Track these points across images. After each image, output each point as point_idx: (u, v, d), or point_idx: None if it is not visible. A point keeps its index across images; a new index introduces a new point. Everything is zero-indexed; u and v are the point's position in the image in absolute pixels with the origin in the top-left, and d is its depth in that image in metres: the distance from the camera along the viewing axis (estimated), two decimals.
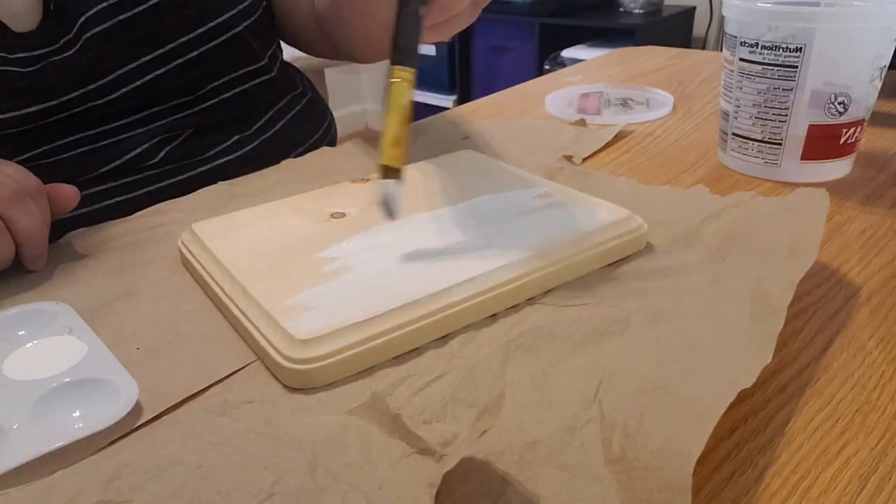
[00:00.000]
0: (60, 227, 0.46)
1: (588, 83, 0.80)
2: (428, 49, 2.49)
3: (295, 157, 0.63)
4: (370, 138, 0.63)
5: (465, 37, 2.38)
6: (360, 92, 3.04)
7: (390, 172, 0.36)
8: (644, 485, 0.24)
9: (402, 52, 0.39)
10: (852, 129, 0.50)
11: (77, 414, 0.30)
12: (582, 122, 0.65)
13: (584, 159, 0.57)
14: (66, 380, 0.31)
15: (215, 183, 0.54)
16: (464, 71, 2.46)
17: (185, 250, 0.41)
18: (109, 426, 0.29)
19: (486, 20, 2.29)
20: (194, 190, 0.53)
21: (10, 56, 0.49)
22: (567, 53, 2.06)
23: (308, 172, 0.56)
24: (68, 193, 0.44)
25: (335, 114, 0.76)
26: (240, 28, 0.58)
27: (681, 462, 0.25)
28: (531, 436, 0.27)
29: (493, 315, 0.36)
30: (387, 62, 0.40)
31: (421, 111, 2.57)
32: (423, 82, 2.82)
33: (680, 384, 0.29)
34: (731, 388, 0.28)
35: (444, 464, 0.25)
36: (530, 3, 2.09)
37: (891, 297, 0.37)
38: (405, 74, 0.38)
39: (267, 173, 0.56)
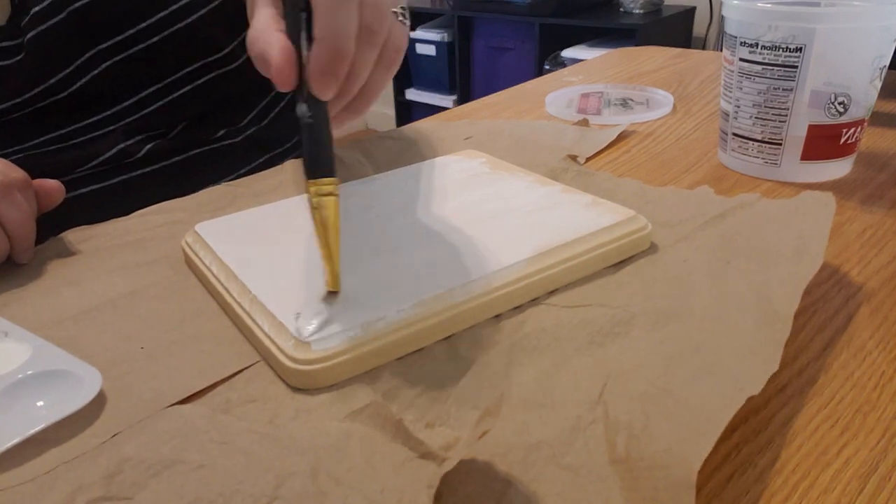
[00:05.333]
0: (53, 217, 0.46)
1: (588, 83, 0.80)
2: (428, 49, 2.48)
3: (282, 152, 0.65)
4: (371, 139, 0.63)
5: (465, 37, 2.38)
6: None
7: (334, 295, 0.34)
8: (649, 483, 0.24)
9: (317, 164, 0.34)
10: (852, 130, 0.50)
11: (41, 403, 0.30)
12: (585, 122, 0.65)
13: (586, 160, 0.57)
14: (29, 372, 0.32)
15: (203, 167, 0.56)
16: (464, 71, 2.46)
17: (188, 250, 0.42)
18: (77, 410, 0.29)
19: (486, 20, 2.29)
20: (178, 177, 0.54)
21: None
22: (567, 53, 2.06)
23: None
24: (53, 188, 0.45)
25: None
26: (199, 14, 0.57)
27: (687, 461, 0.25)
28: (535, 437, 0.27)
29: (497, 316, 0.36)
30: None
31: (421, 111, 2.58)
32: (423, 82, 2.81)
33: (686, 389, 0.29)
34: (739, 396, 0.28)
35: (446, 466, 0.25)
36: (530, 3, 2.09)
37: (891, 297, 0.38)
38: (329, 188, 0.34)
39: (270, 174, 0.56)
